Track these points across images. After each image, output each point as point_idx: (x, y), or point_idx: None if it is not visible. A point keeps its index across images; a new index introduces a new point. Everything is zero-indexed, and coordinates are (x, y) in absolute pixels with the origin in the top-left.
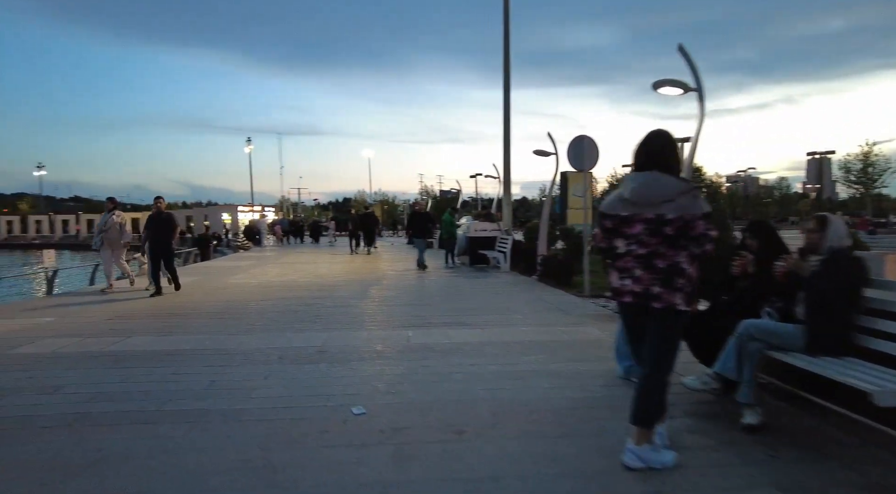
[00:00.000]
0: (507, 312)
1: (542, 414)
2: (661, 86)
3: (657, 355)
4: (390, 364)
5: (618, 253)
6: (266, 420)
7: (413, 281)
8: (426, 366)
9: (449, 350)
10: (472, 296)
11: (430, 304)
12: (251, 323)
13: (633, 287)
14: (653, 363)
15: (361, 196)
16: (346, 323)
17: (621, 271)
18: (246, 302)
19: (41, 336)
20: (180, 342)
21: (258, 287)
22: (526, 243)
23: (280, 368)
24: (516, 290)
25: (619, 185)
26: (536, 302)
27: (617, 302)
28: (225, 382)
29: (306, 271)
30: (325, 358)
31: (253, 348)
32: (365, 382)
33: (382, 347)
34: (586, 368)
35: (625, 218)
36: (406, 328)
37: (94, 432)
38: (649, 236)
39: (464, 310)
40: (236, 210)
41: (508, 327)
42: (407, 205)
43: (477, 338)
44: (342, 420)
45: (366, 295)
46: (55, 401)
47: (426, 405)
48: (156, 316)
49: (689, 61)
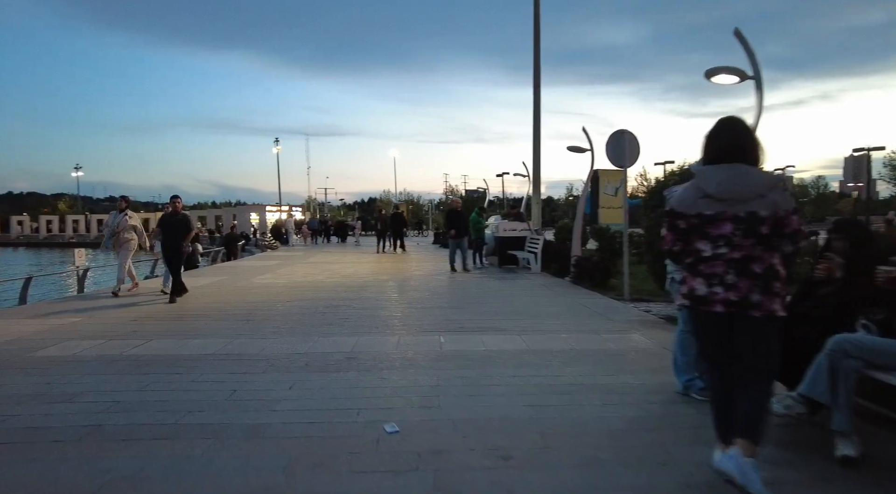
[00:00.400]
0: (543, 317)
1: (596, 437)
2: (715, 74)
3: (763, 365)
4: (423, 373)
5: (702, 257)
6: (290, 437)
7: (442, 283)
8: (462, 377)
9: (485, 358)
10: (505, 299)
11: (461, 307)
12: (276, 326)
13: (726, 295)
14: (758, 373)
15: (387, 196)
16: (375, 326)
17: (709, 277)
18: (272, 303)
19: (66, 337)
20: (203, 346)
21: (284, 287)
22: (557, 243)
23: (306, 376)
24: (550, 293)
25: (685, 180)
26: (573, 305)
27: (697, 311)
28: (247, 392)
29: (333, 271)
30: (353, 366)
31: (278, 353)
32: (397, 394)
33: (414, 354)
34: (639, 382)
35: (709, 217)
36: (438, 333)
37: (105, 448)
38: (742, 237)
39: (497, 314)
40: (264, 210)
41: (547, 334)
42: (431, 203)
43: (514, 346)
44: (374, 440)
45: (394, 296)
46: (69, 411)
47: (466, 423)
48: (180, 318)
49: (747, 47)
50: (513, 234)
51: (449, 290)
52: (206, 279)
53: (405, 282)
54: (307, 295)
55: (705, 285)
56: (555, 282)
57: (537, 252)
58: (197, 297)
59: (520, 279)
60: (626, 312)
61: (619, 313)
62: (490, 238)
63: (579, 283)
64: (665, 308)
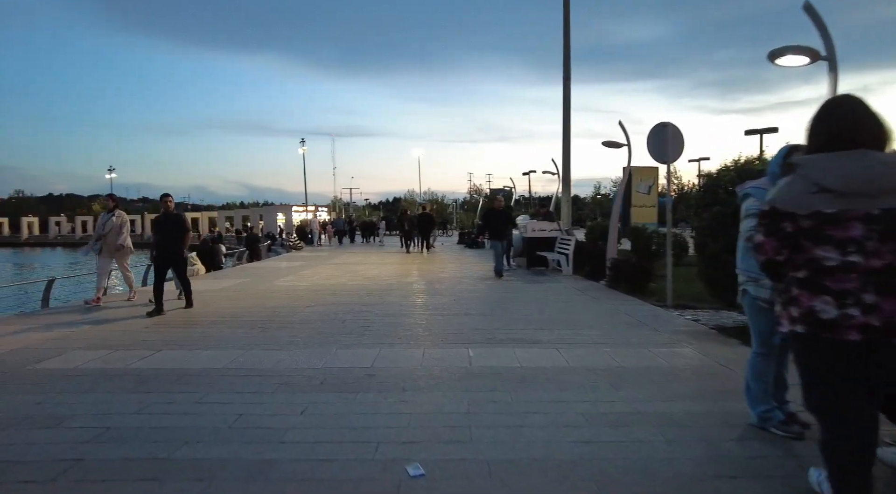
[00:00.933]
0: (581, 326)
1: (663, 486)
2: (781, 55)
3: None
4: (451, 396)
5: (825, 268)
6: (297, 480)
7: (468, 286)
8: (496, 402)
9: (521, 378)
10: (537, 305)
11: (489, 314)
12: (293, 335)
13: (866, 319)
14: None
15: (411, 195)
16: (398, 336)
17: (839, 295)
18: (291, 308)
19: (73, 346)
20: (213, 359)
21: (306, 291)
22: (588, 244)
23: (321, 398)
24: (585, 298)
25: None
26: (613, 313)
27: (819, 340)
28: (254, 418)
29: (357, 273)
30: (373, 385)
31: (292, 368)
32: (422, 423)
33: (440, 371)
34: (702, 409)
35: (830, 216)
36: (466, 344)
37: (79, 493)
38: (879, 241)
39: (530, 322)
40: (290, 210)
41: (588, 346)
42: (456, 203)
43: (552, 362)
44: (395, 486)
45: (418, 301)
46: (52, 440)
47: (503, 466)
48: (194, 325)
49: (819, 23)
50: (542, 235)
51: (476, 295)
52: (228, 281)
53: (430, 286)
54: (328, 300)
55: (834, 305)
56: (589, 286)
57: (568, 253)
58: (215, 301)
59: (551, 282)
60: (671, 321)
61: (664, 322)
62: (518, 238)
63: (615, 287)
64: (714, 316)
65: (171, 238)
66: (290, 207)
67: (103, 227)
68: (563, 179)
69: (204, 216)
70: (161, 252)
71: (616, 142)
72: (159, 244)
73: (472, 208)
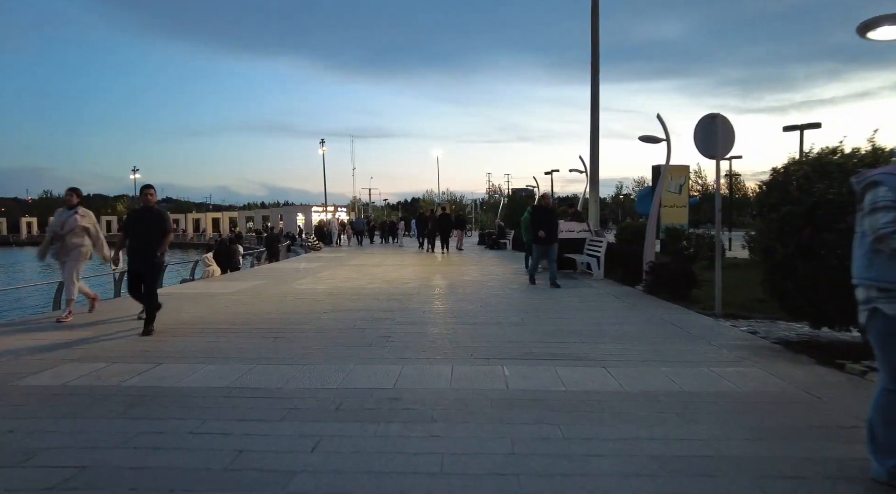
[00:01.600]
0: (627, 339)
1: None
2: (875, 26)
3: None
4: (490, 429)
5: None
6: None
7: (494, 291)
8: (545, 439)
9: (569, 406)
10: (572, 313)
11: (521, 323)
12: (307, 346)
13: None
14: None
15: (430, 196)
16: (422, 349)
17: None
18: (307, 314)
19: (67, 358)
20: (216, 374)
21: (323, 294)
22: (619, 246)
23: (336, 428)
24: (623, 306)
25: None
26: (657, 323)
27: None
28: (256, 455)
29: (376, 275)
30: (397, 413)
31: (304, 388)
32: (458, 469)
33: (473, 395)
34: (802, 455)
35: None
36: (499, 360)
37: None
38: None
39: (568, 334)
40: (310, 210)
41: (640, 365)
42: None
43: (602, 384)
44: None
45: (442, 308)
46: (13, 485)
47: None
48: (202, 332)
49: None
50: (570, 236)
51: (505, 300)
52: (244, 283)
53: (453, 290)
54: (347, 305)
55: None
56: (624, 292)
57: (599, 256)
58: (227, 305)
59: (582, 287)
60: (725, 333)
61: (717, 335)
62: None
63: (654, 293)
64: (771, 327)
65: (149, 239)
66: (311, 207)
67: (61, 226)
68: (590, 178)
69: (225, 216)
70: (137, 252)
71: (655, 136)
72: (134, 247)
73: (490, 208)
